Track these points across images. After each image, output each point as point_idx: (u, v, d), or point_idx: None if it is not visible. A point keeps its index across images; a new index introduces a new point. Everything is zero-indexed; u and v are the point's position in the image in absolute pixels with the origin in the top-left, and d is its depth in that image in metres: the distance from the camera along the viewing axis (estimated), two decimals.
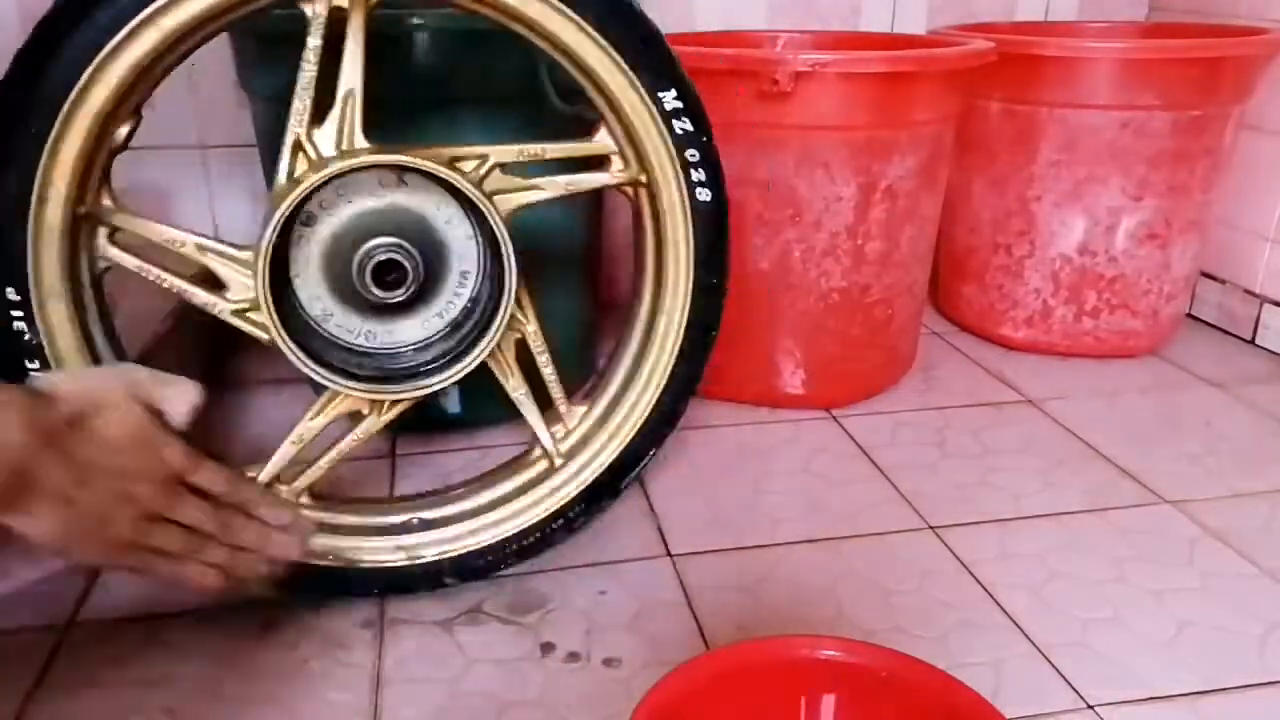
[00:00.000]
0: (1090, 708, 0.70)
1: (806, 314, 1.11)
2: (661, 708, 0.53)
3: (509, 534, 0.83)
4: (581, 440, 0.85)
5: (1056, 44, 1.17)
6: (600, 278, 1.28)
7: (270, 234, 0.68)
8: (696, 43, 1.15)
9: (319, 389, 0.76)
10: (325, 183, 0.70)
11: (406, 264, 0.73)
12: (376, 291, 0.73)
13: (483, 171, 0.73)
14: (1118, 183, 1.20)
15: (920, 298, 1.21)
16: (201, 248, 0.70)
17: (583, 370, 1.20)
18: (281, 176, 0.70)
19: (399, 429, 1.06)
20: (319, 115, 0.70)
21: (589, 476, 0.85)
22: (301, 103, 0.69)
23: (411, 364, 0.79)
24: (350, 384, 0.74)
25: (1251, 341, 1.36)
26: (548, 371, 0.82)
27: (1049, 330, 1.30)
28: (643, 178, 0.80)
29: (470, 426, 1.09)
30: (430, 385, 0.76)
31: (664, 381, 0.85)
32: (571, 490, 0.84)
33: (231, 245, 0.71)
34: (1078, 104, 1.18)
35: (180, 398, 0.64)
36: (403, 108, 0.80)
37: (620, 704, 0.70)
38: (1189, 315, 1.45)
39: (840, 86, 1.00)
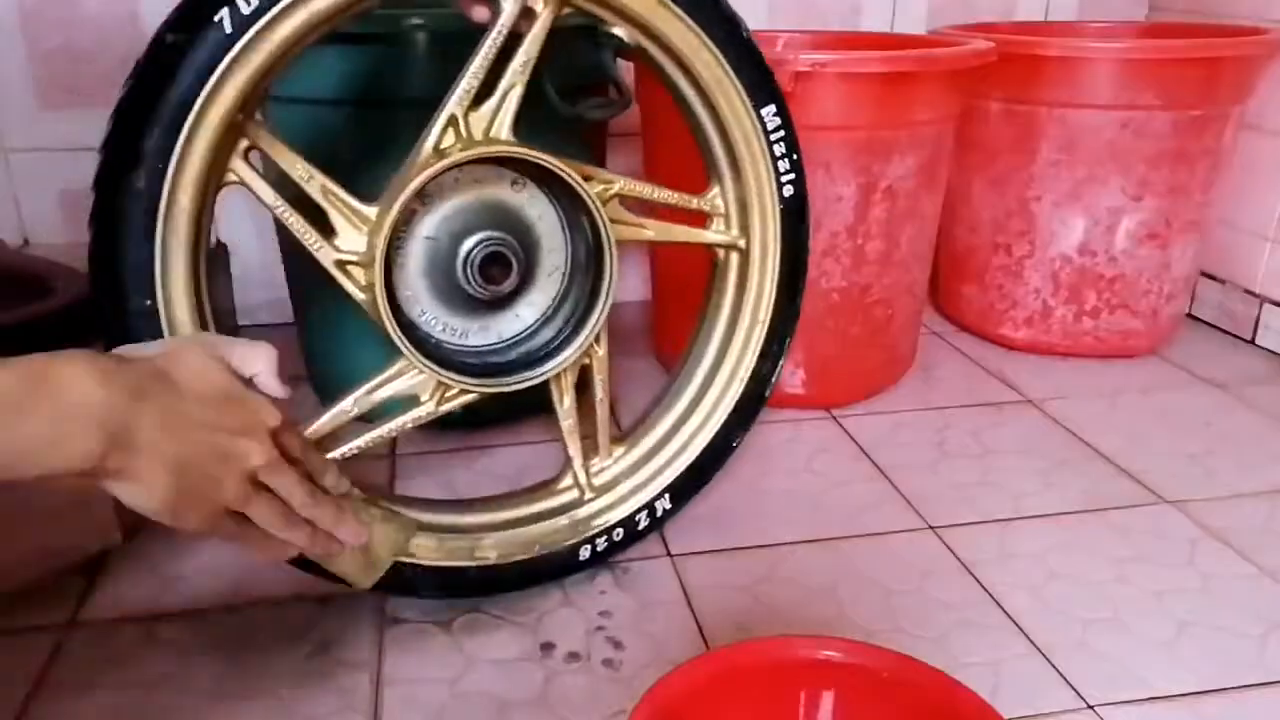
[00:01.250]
0: (1090, 708, 0.70)
1: (806, 314, 1.10)
2: (661, 708, 0.53)
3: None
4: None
5: (1057, 44, 1.17)
6: None
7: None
8: None
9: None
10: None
11: (513, 260, 0.76)
12: (478, 281, 0.75)
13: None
14: (1118, 183, 1.20)
15: (920, 297, 1.21)
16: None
17: None
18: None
19: None
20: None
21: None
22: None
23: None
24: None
25: (1251, 341, 1.36)
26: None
27: (1049, 330, 1.30)
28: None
29: (470, 426, 1.09)
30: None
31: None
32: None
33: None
34: (1078, 104, 1.18)
35: (256, 357, 0.61)
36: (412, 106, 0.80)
37: (620, 704, 0.70)
38: (1189, 315, 1.45)
39: (840, 86, 1.00)
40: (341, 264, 0.72)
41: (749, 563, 0.86)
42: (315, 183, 0.71)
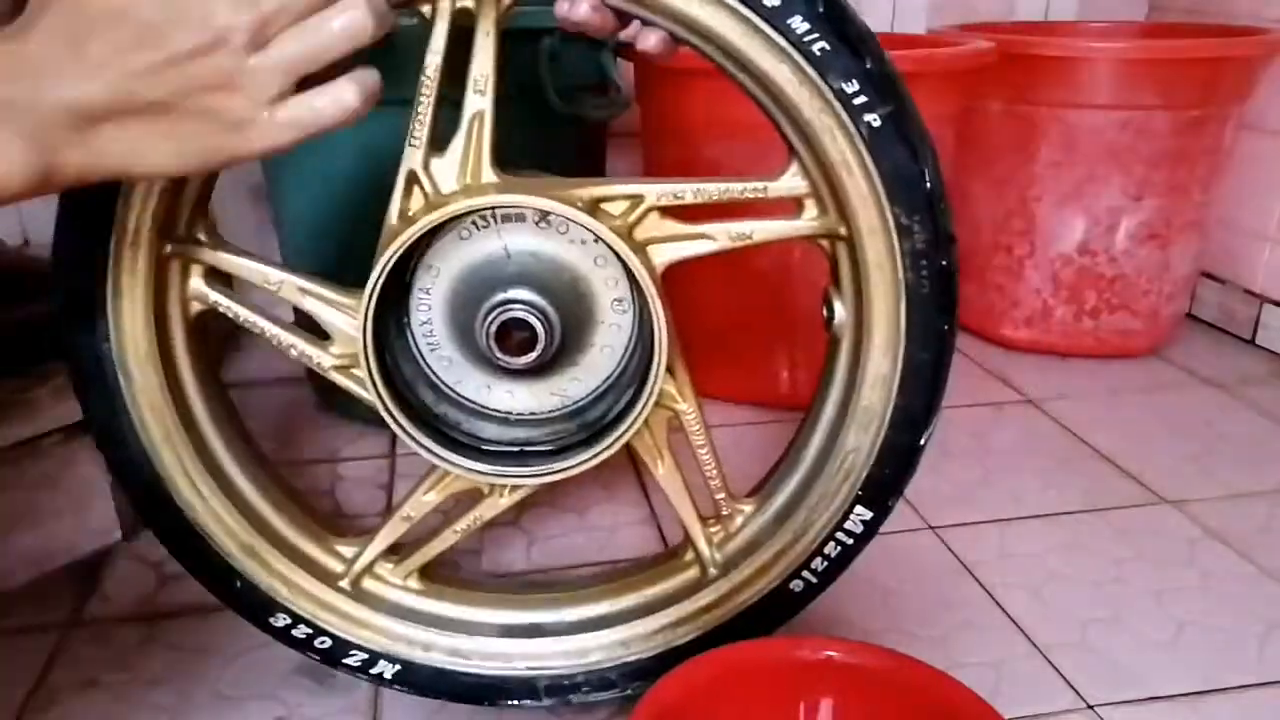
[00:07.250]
0: (1090, 708, 0.70)
1: (805, 314, 1.10)
2: (661, 708, 0.53)
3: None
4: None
5: (1057, 44, 1.17)
6: None
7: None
8: None
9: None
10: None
11: (538, 327, 0.58)
12: (500, 355, 0.59)
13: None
14: (1118, 183, 1.20)
15: None
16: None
17: None
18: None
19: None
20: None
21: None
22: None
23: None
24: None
25: (1251, 341, 1.35)
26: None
27: (1049, 330, 1.30)
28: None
29: None
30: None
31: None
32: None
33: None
34: (1078, 104, 1.17)
35: None
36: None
37: (620, 704, 0.70)
38: (1189, 315, 1.44)
39: None
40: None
41: None
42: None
